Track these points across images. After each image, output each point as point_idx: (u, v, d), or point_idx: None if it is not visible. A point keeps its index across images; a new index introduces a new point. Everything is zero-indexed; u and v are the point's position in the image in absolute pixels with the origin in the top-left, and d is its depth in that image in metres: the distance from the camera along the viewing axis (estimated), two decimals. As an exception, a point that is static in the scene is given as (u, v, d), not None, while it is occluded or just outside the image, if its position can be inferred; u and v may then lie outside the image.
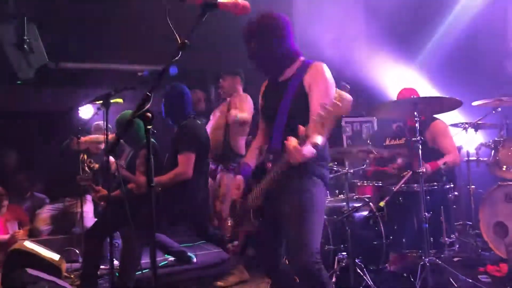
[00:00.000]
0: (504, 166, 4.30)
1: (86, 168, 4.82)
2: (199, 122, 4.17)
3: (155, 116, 1.83)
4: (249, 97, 4.60)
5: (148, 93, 1.86)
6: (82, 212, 4.60)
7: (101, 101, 3.81)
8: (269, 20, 2.53)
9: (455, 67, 5.61)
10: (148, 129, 1.83)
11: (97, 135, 5.02)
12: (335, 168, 4.03)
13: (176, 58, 1.93)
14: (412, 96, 3.56)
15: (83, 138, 4.69)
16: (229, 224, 2.66)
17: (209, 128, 4.59)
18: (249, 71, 3.95)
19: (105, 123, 3.59)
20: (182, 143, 3.88)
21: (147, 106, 1.82)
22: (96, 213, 5.25)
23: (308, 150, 2.16)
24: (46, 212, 5.21)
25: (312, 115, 2.30)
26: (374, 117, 6.21)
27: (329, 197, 4.25)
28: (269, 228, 2.51)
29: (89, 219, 4.96)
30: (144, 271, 3.80)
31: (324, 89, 2.40)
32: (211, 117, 4.85)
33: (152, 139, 4.34)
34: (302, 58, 2.59)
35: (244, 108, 4.45)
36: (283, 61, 2.55)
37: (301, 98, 2.45)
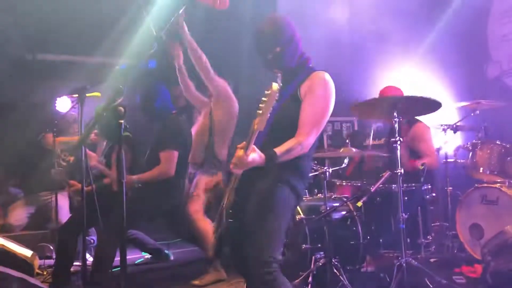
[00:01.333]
0: (481, 168, 4.34)
1: (61, 162, 4.72)
2: (181, 118, 4.11)
3: (127, 110, 1.78)
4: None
5: (120, 86, 1.82)
6: (56, 207, 4.50)
7: (77, 94, 3.72)
8: (285, 22, 2.49)
9: (437, 71, 5.66)
10: (121, 123, 1.79)
11: (73, 138, 4.92)
12: (314, 167, 4.02)
13: (151, 51, 1.89)
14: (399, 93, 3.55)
15: (58, 139, 4.61)
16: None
17: (193, 131, 4.50)
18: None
19: (79, 116, 3.50)
20: (165, 140, 3.82)
21: (119, 100, 1.77)
22: (72, 208, 5.16)
23: (253, 158, 2.16)
24: (19, 207, 5.09)
25: (299, 127, 2.30)
26: (354, 117, 6.23)
27: (308, 196, 4.25)
28: (239, 229, 2.45)
29: (64, 214, 4.87)
30: (115, 269, 3.73)
31: (317, 104, 2.35)
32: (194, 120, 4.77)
33: (129, 132, 4.28)
34: (310, 65, 2.54)
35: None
36: (294, 64, 2.50)
37: (293, 103, 2.40)
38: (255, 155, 2.17)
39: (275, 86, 2.10)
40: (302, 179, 2.46)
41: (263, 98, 2.13)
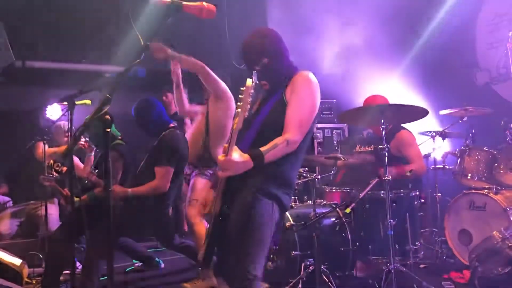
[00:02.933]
0: (469, 175, 4.38)
1: (54, 172, 4.72)
2: (179, 132, 4.09)
3: (113, 118, 1.80)
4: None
5: (108, 95, 1.83)
6: (46, 216, 4.48)
7: (67, 102, 3.72)
8: (272, 34, 2.49)
9: (426, 78, 5.72)
10: (107, 132, 1.80)
11: (60, 148, 4.92)
12: (304, 174, 4.04)
13: (138, 60, 1.90)
14: (383, 102, 3.59)
15: (48, 150, 4.61)
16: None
17: (189, 132, 4.50)
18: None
19: (69, 124, 3.49)
20: (161, 155, 3.82)
21: (106, 109, 1.78)
22: (61, 217, 5.13)
23: (236, 158, 2.14)
24: (8, 216, 5.06)
25: (285, 126, 2.27)
26: (345, 124, 6.27)
27: (297, 202, 4.27)
28: (224, 238, 2.41)
29: (54, 222, 4.84)
30: (103, 278, 3.72)
31: (301, 102, 2.32)
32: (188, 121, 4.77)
33: (120, 140, 4.27)
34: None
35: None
36: (282, 76, 2.47)
37: (280, 107, 2.36)
38: (236, 155, 2.14)
39: (249, 82, 2.08)
40: (288, 190, 2.40)
41: (239, 96, 2.12)
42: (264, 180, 2.31)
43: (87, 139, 4.42)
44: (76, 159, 4.88)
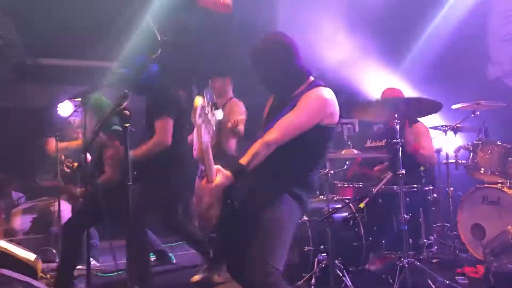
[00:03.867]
0: (482, 169, 4.35)
1: (65, 168, 4.74)
2: (172, 86, 3.85)
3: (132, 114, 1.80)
4: (240, 104, 4.52)
5: (125, 90, 1.83)
6: (59, 211, 4.52)
7: (79, 99, 3.74)
8: (274, 43, 2.47)
9: (437, 72, 5.69)
10: (126, 127, 1.80)
11: (71, 142, 4.92)
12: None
13: (155, 55, 1.91)
14: (400, 95, 3.58)
15: (61, 144, 4.61)
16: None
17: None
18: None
19: (83, 120, 3.52)
20: (157, 108, 3.57)
21: (125, 104, 1.79)
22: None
23: (218, 181, 2.13)
24: (22, 211, 5.10)
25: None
26: (356, 119, 6.25)
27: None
28: (235, 237, 2.45)
29: (67, 218, 4.87)
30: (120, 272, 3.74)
31: (296, 111, 2.33)
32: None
33: (117, 126, 4.13)
34: (311, 79, 2.51)
35: (238, 118, 4.33)
36: (290, 83, 2.48)
37: None
38: (219, 178, 2.14)
39: (197, 101, 1.97)
40: (309, 192, 2.46)
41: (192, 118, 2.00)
42: (293, 183, 2.38)
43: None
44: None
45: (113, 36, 4.88)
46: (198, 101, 1.96)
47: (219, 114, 3.89)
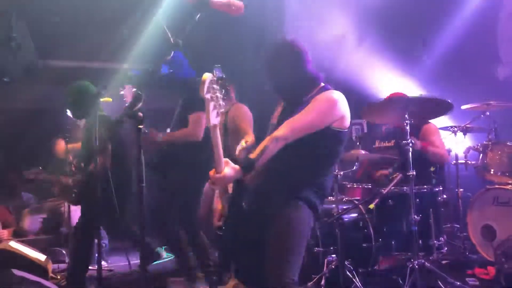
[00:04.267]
0: (492, 170, 4.33)
1: (74, 168, 4.76)
2: None
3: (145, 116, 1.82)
4: (245, 108, 4.47)
5: (139, 92, 1.85)
6: (69, 212, 4.55)
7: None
8: (285, 49, 2.46)
9: (446, 73, 5.66)
10: (140, 128, 1.82)
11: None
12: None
13: (168, 57, 1.92)
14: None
15: (69, 146, 4.66)
16: None
17: None
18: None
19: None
20: (194, 102, 3.57)
21: (139, 105, 1.80)
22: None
23: (227, 173, 2.12)
24: (32, 212, 5.14)
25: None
26: (364, 120, 6.23)
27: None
28: (243, 240, 2.43)
29: (77, 218, 4.90)
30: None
31: (306, 111, 2.32)
32: None
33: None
34: (322, 85, 2.49)
35: (246, 126, 4.29)
36: (302, 88, 2.47)
37: None
38: (228, 170, 2.13)
39: (206, 75, 1.98)
40: (322, 198, 2.45)
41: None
42: (306, 188, 2.36)
43: None
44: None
45: (123, 38, 4.91)
46: (207, 75, 1.96)
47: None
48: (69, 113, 4.89)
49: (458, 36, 5.57)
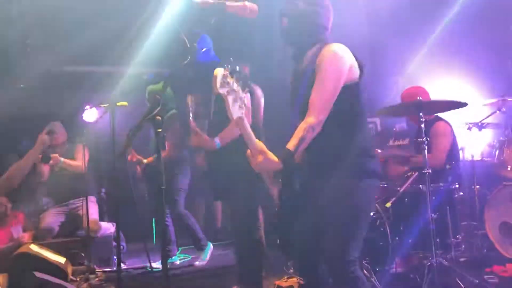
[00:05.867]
0: (509, 166, 4.30)
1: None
2: None
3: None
4: (258, 90, 4.36)
5: (157, 96, 1.88)
6: (87, 214, 4.60)
7: (107, 104, 3.81)
8: None
9: (459, 67, 5.62)
10: (158, 132, 1.84)
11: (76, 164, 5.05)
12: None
13: (185, 62, 1.94)
14: (418, 98, 3.54)
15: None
16: None
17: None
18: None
19: (111, 125, 3.59)
20: None
21: (157, 110, 1.83)
22: (102, 214, 5.27)
23: (264, 162, 2.08)
24: (50, 216, 5.20)
25: (309, 107, 2.19)
26: (378, 118, 6.21)
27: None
28: (304, 231, 2.34)
29: (94, 220, 4.97)
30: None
31: (324, 82, 2.22)
32: None
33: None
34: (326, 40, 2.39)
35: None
36: (310, 35, 2.36)
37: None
38: (266, 162, 2.11)
39: (217, 70, 1.91)
40: (372, 157, 2.34)
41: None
42: (359, 154, 2.26)
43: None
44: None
45: (137, 43, 4.94)
46: (218, 70, 1.90)
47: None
48: (85, 117, 4.94)
49: (474, 32, 5.52)
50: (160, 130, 1.84)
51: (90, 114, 4.93)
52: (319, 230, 2.28)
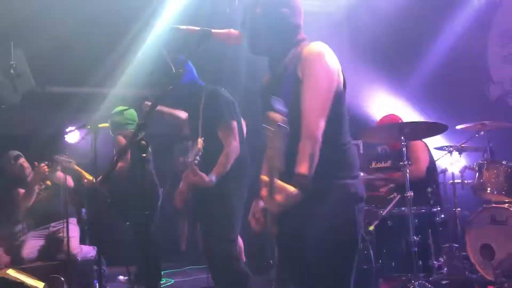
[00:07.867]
0: (489, 189, 4.36)
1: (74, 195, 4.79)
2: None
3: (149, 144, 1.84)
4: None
5: (142, 121, 1.88)
6: (68, 237, 4.52)
7: (88, 126, 3.79)
8: None
9: (439, 93, 5.75)
10: (143, 157, 1.84)
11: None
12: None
13: (171, 87, 1.95)
14: (399, 121, 3.63)
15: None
16: None
17: None
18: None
19: (93, 146, 3.57)
20: (216, 114, 3.15)
21: (142, 135, 1.82)
22: (83, 237, 5.18)
23: (284, 200, 1.82)
24: (30, 239, 5.10)
25: (304, 118, 1.95)
26: (360, 140, 6.29)
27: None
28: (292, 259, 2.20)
29: (76, 244, 4.88)
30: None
31: (316, 87, 1.99)
32: None
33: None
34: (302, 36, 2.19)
35: None
36: (283, 43, 2.15)
37: (297, 90, 2.02)
38: (286, 198, 1.82)
39: (272, 115, 1.74)
40: (352, 176, 2.08)
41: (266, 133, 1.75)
42: (345, 173, 2.06)
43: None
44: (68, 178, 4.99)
45: (120, 63, 4.97)
46: (275, 116, 1.72)
47: None
48: (68, 138, 4.90)
49: (450, 57, 5.68)
50: (144, 155, 1.83)
51: (72, 136, 4.91)
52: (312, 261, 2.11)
